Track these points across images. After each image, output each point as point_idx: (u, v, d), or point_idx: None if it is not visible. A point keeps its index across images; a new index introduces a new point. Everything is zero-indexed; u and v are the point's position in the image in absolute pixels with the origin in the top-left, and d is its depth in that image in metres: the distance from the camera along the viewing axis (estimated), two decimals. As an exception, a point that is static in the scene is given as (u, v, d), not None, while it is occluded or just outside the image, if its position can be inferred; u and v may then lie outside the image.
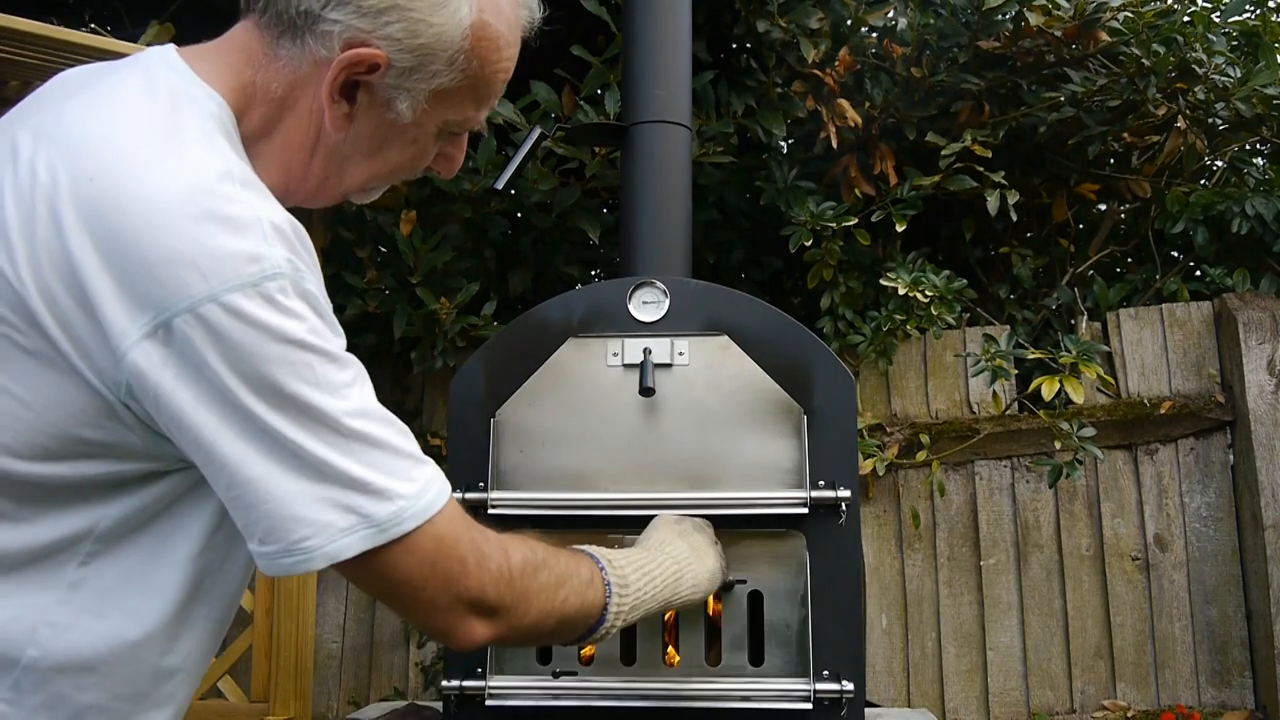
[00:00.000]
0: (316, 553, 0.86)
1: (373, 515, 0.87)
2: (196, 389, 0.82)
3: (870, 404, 3.32)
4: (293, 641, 2.85)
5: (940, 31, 3.36)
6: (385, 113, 0.98)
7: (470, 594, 0.95)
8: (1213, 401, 3.22)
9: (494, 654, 1.81)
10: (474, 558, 0.95)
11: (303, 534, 0.85)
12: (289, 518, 0.85)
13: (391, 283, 3.12)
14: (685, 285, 1.92)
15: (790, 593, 1.78)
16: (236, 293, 0.81)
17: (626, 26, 2.20)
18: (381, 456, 0.89)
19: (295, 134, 0.97)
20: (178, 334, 0.81)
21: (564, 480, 1.82)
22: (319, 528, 0.85)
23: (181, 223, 0.81)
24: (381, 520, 0.87)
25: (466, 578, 0.94)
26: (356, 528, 0.86)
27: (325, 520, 0.86)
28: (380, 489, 0.88)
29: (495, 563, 0.97)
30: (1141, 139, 3.54)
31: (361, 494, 0.87)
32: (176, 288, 0.80)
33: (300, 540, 0.85)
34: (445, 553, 0.92)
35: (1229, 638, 3.14)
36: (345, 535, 0.86)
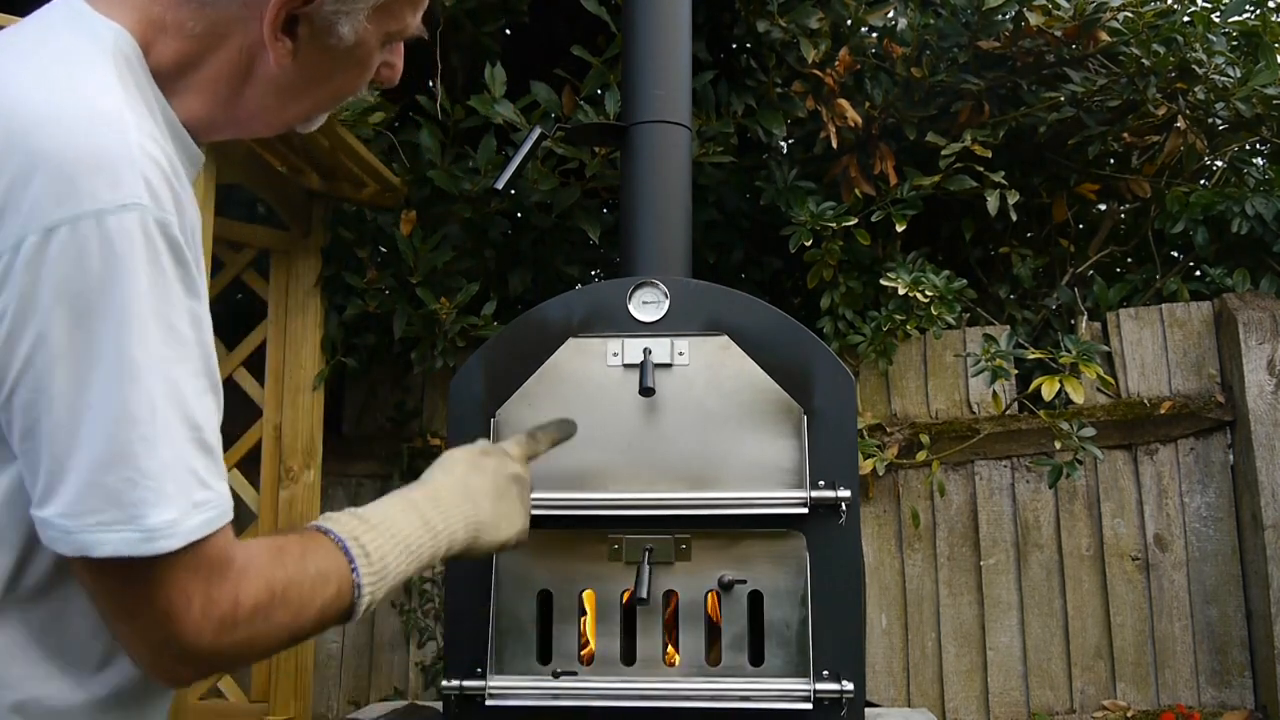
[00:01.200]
0: (70, 535, 0.76)
1: (144, 521, 0.76)
2: (25, 313, 0.75)
3: (870, 404, 3.32)
4: (293, 641, 2.85)
5: (940, 31, 3.36)
6: (328, 39, 0.94)
7: (183, 640, 0.82)
8: (1213, 401, 3.22)
9: (494, 654, 1.81)
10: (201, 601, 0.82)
11: (61, 508, 0.76)
12: (50, 489, 0.76)
13: (391, 283, 3.12)
14: (685, 285, 1.92)
15: (790, 593, 1.78)
16: (93, 219, 0.75)
17: (626, 26, 2.20)
18: (175, 455, 0.79)
19: (224, 68, 0.93)
20: (25, 251, 0.75)
21: (564, 480, 1.82)
22: (81, 510, 0.76)
23: (45, 141, 0.77)
24: (152, 529, 0.77)
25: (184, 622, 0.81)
26: (120, 526, 0.76)
27: (91, 505, 0.76)
28: (163, 494, 0.77)
29: (220, 609, 0.83)
30: (1141, 139, 3.54)
31: (144, 492, 0.76)
32: (39, 203, 0.76)
33: (59, 515, 0.76)
34: (176, 588, 0.80)
35: (1229, 638, 3.14)
36: (103, 531, 0.76)
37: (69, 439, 0.76)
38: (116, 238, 0.76)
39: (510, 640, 1.81)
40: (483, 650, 1.80)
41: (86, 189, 0.76)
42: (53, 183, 0.76)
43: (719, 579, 1.79)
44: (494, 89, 2.96)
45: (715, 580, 1.79)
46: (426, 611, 3.24)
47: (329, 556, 0.98)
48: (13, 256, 0.75)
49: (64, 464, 0.76)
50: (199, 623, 0.82)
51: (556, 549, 1.83)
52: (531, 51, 3.57)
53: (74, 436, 0.76)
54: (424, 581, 3.25)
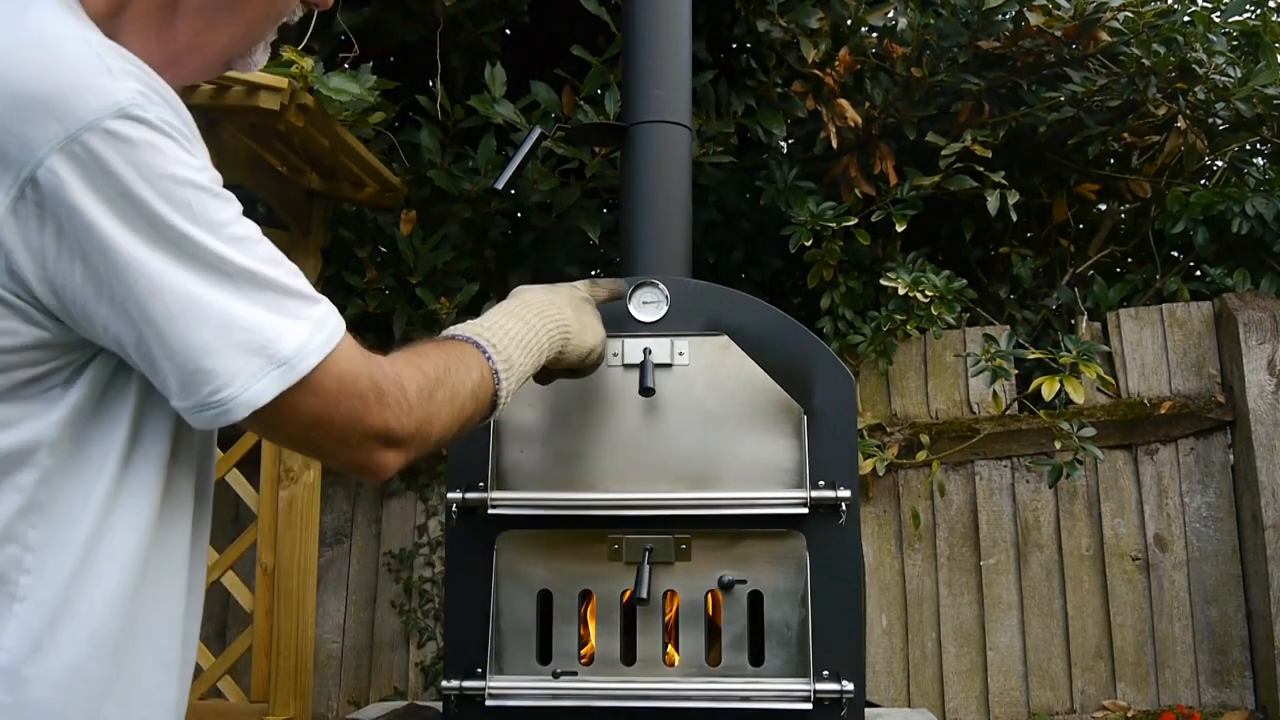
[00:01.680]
0: (233, 403, 0.82)
1: (277, 355, 0.84)
2: (74, 245, 0.78)
3: (870, 404, 3.32)
4: (293, 641, 2.85)
5: (940, 31, 3.36)
6: None
7: (375, 429, 0.93)
8: (1213, 401, 3.22)
9: (494, 654, 1.81)
10: (374, 394, 0.93)
11: (213, 386, 0.82)
12: (198, 371, 0.82)
13: (391, 283, 3.12)
14: (685, 285, 1.92)
15: (790, 593, 1.78)
16: (91, 131, 0.76)
17: (626, 26, 2.20)
18: (273, 296, 0.85)
19: (149, 1, 0.93)
20: (44, 187, 0.76)
21: (564, 480, 1.82)
22: (229, 377, 0.82)
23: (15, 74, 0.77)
24: (286, 358, 0.84)
25: (369, 415, 0.92)
26: (266, 370, 0.83)
27: (233, 369, 0.82)
28: (279, 329, 0.84)
29: (394, 397, 0.95)
30: (1141, 139, 3.54)
31: (262, 335, 0.83)
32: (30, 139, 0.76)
33: (214, 392, 0.82)
34: (347, 390, 0.90)
35: (1229, 638, 3.14)
36: (257, 380, 0.83)
37: (181, 330, 0.81)
38: (127, 137, 0.78)
39: (510, 640, 1.81)
40: (483, 650, 1.80)
41: (81, 103, 0.76)
42: (41, 112, 0.76)
43: (719, 579, 1.79)
44: (494, 89, 2.96)
45: (715, 580, 1.79)
46: (426, 611, 3.24)
47: (465, 351, 1.13)
48: (34, 192, 0.76)
49: (187, 351, 0.81)
50: (380, 410, 0.93)
51: (556, 549, 1.83)
52: (531, 51, 3.57)
53: (182, 325, 0.81)
54: (424, 581, 3.25)
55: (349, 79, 2.54)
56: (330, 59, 2.96)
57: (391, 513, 3.35)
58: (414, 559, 3.29)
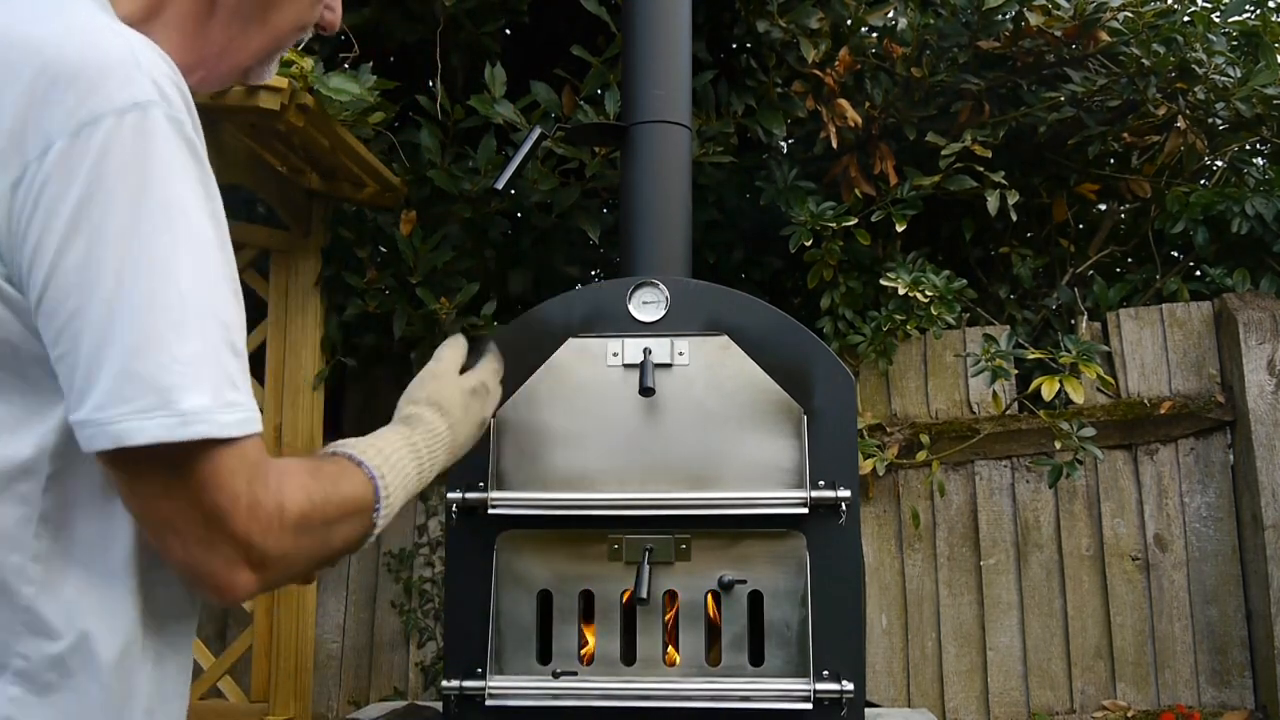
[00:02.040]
0: (101, 428, 0.75)
1: (175, 403, 0.76)
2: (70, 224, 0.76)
3: (870, 404, 3.32)
4: (293, 641, 2.86)
5: (940, 31, 3.36)
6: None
7: (238, 536, 0.82)
8: (1213, 401, 3.22)
9: (494, 654, 1.81)
10: (247, 504, 0.83)
11: (97, 402, 0.75)
12: (87, 385, 0.76)
13: (391, 283, 3.12)
14: (685, 285, 1.93)
15: (790, 593, 1.78)
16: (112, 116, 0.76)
17: (626, 26, 2.20)
18: (212, 351, 0.79)
19: (188, 5, 0.96)
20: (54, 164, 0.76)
21: (564, 480, 1.83)
22: (112, 401, 0.75)
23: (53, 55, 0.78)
24: (183, 411, 0.76)
25: (235, 519, 0.82)
26: (153, 411, 0.75)
27: (124, 394, 0.75)
28: (194, 381, 0.77)
29: (266, 515, 0.84)
30: (1141, 139, 3.54)
31: (172, 377, 0.76)
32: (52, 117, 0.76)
33: (96, 409, 0.75)
34: (221, 484, 0.80)
35: (1229, 638, 3.14)
36: (141, 417, 0.75)
37: (103, 333, 0.76)
38: (138, 133, 0.77)
39: (510, 640, 1.81)
40: (483, 650, 1.80)
41: (102, 91, 0.77)
42: (69, 91, 0.77)
43: (719, 579, 1.79)
44: (494, 89, 2.96)
45: (715, 580, 1.80)
46: (426, 611, 3.24)
47: (359, 485, 1.01)
48: (38, 166, 0.76)
49: (98, 357, 0.76)
50: (247, 522, 0.82)
51: (556, 549, 1.83)
52: (531, 51, 3.57)
53: (108, 329, 0.76)
54: (424, 581, 3.25)
55: (349, 79, 2.54)
56: (330, 59, 2.96)
57: (391, 513, 3.34)
58: (414, 559, 3.29)
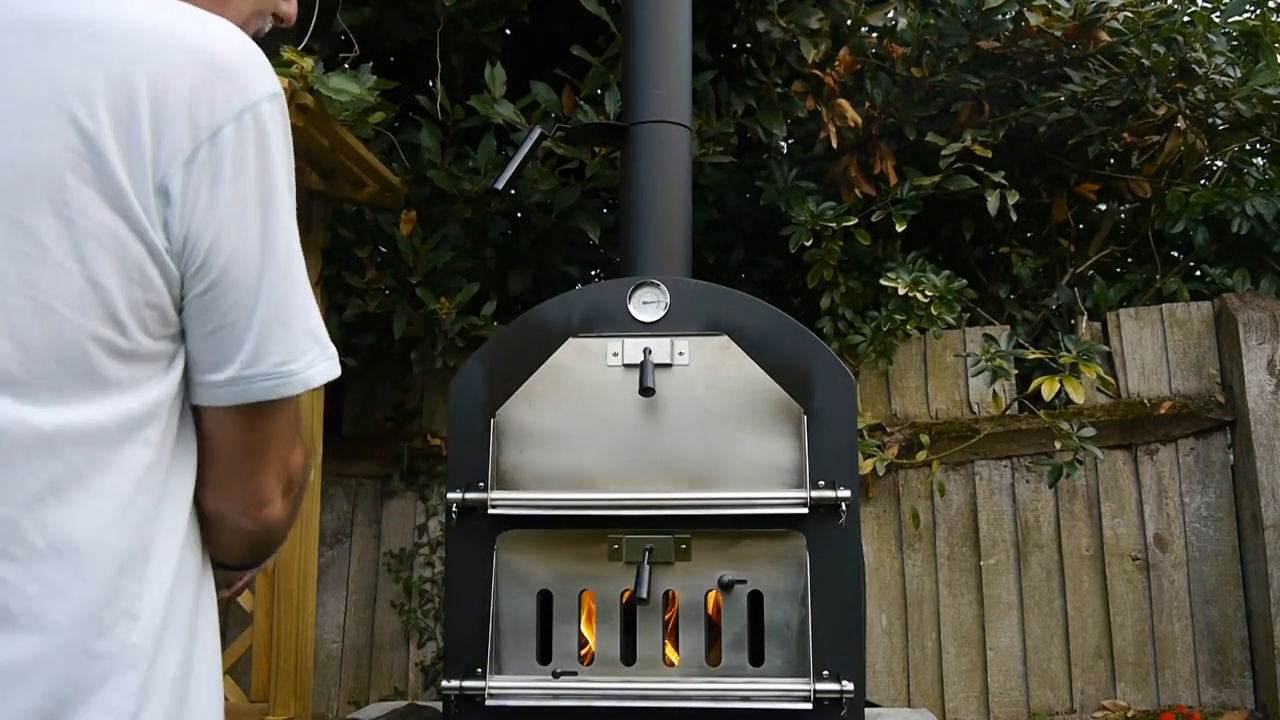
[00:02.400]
0: (293, 378, 0.85)
1: (328, 349, 0.88)
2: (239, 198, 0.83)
3: (870, 404, 3.32)
4: (293, 641, 2.85)
5: (940, 31, 3.36)
6: None
7: (293, 469, 0.92)
8: (1213, 401, 3.22)
9: (494, 654, 1.81)
10: (300, 435, 0.94)
11: (283, 356, 0.85)
12: (278, 338, 0.85)
13: (391, 283, 3.12)
14: (685, 285, 1.93)
15: (790, 593, 1.78)
16: (264, 104, 0.84)
17: (626, 26, 2.20)
18: (313, 302, 0.90)
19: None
20: (223, 145, 0.82)
21: (564, 480, 1.83)
22: (298, 352, 0.85)
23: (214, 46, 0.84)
24: (332, 355, 0.89)
25: (296, 452, 0.92)
26: (321, 357, 0.87)
27: (302, 346, 0.86)
28: (324, 330, 0.89)
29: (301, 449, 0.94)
30: (1141, 139, 3.54)
31: (319, 327, 0.88)
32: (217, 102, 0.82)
33: (282, 363, 0.85)
34: (300, 418, 0.92)
35: (1229, 638, 3.14)
36: (317, 362, 0.87)
37: (279, 296, 0.85)
38: (280, 119, 0.86)
39: (510, 640, 1.81)
40: (483, 650, 1.80)
41: (255, 82, 0.84)
42: (231, 79, 0.83)
43: (719, 579, 1.79)
44: (494, 89, 2.96)
45: (715, 580, 1.80)
46: (426, 611, 3.24)
47: None
48: (211, 145, 0.81)
49: (275, 319, 0.84)
50: (298, 456, 0.92)
51: (556, 549, 1.83)
52: (531, 51, 3.57)
53: (282, 293, 0.85)
54: (424, 581, 3.25)
55: (349, 79, 2.54)
56: (330, 59, 2.96)
57: (391, 513, 3.35)
58: (414, 559, 3.29)
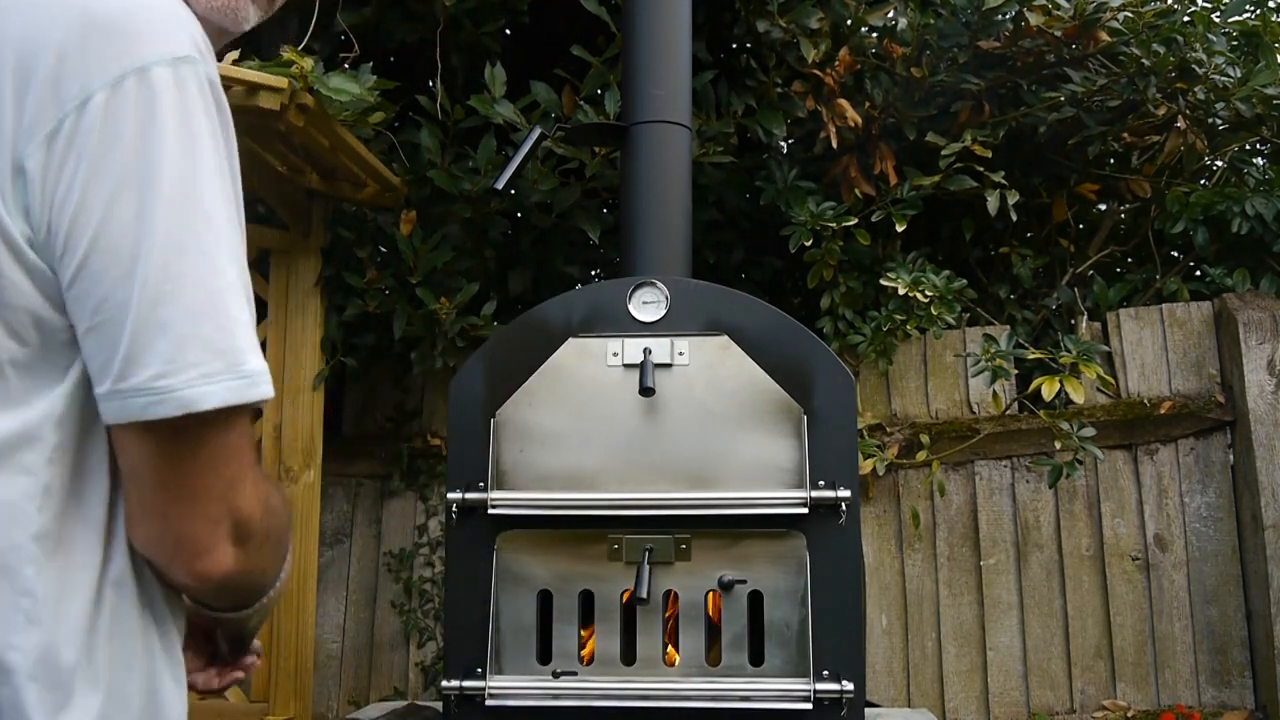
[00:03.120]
0: (169, 396, 0.70)
1: (240, 366, 0.73)
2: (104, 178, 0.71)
3: (870, 404, 3.32)
4: (293, 641, 2.86)
5: (940, 31, 3.37)
6: None
7: (240, 509, 0.77)
8: (1213, 401, 3.22)
9: (494, 654, 1.81)
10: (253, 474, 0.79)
11: (158, 370, 0.70)
12: (152, 347, 0.70)
13: (391, 283, 3.12)
14: (685, 285, 1.93)
15: (790, 593, 1.78)
16: (156, 68, 0.72)
17: (626, 26, 2.20)
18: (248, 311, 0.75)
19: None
20: (94, 115, 0.71)
21: (564, 480, 1.83)
22: (180, 366, 0.70)
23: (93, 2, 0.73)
24: (248, 373, 0.73)
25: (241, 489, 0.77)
26: (222, 376, 0.72)
27: (190, 359, 0.71)
28: (249, 342, 0.74)
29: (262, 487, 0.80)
30: (1141, 139, 3.54)
31: (234, 339, 0.73)
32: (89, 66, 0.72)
33: (156, 377, 0.70)
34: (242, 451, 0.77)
35: (1229, 638, 3.14)
36: (209, 382, 0.71)
37: (156, 295, 0.71)
38: (184, 87, 0.74)
39: (510, 640, 1.81)
40: (483, 650, 1.80)
41: (147, 42, 0.73)
42: (111, 39, 0.72)
43: (719, 579, 1.79)
44: (494, 89, 2.96)
45: (715, 580, 1.80)
46: (426, 611, 3.24)
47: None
48: (78, 116, 0.71)
49: (152, 322, 0.70)
50: (252, 497, 0.77)
51: (556, 549, 1.83)
52: (531, 51, 3.57)
53: (161, 291, 0.71)
54: (424, 581, 3.25)
55: (349, 79, 2.54)
56: (330, 59, 2.96)
57: (391, 513, 3.35)
58: (414, 559, 3.29)
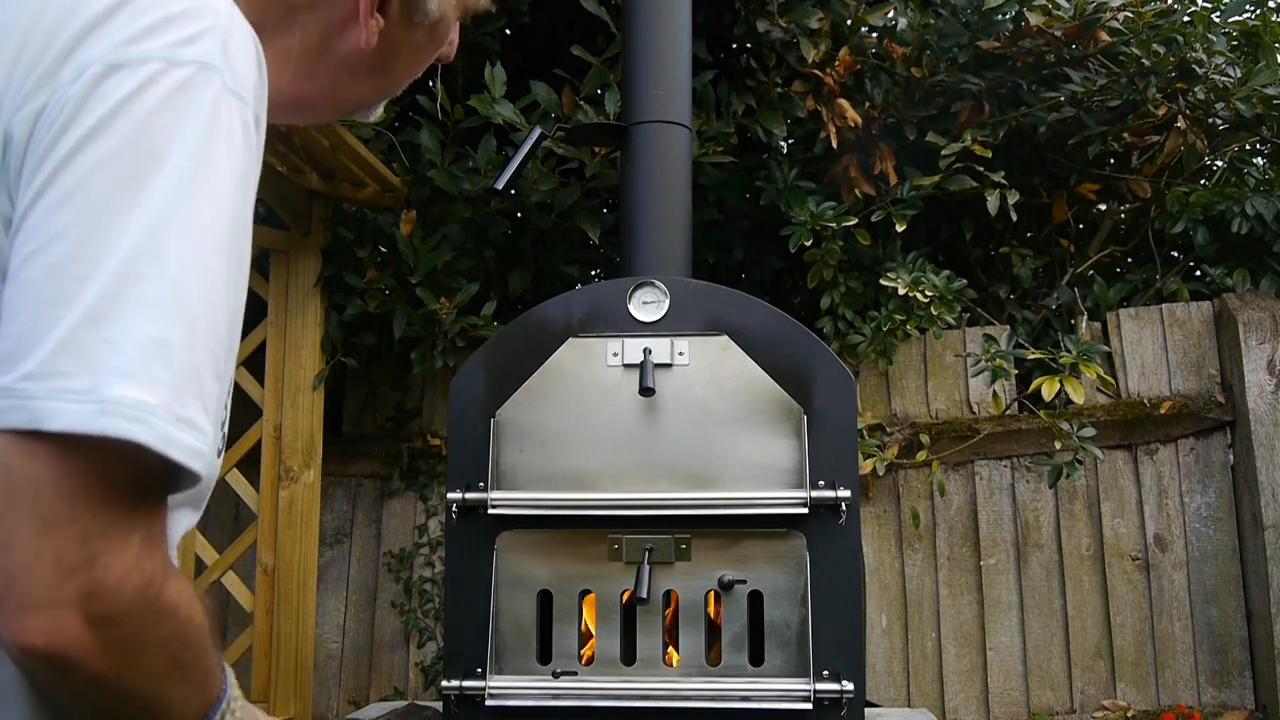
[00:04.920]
0: (26, 402, 0.59)
1: (106, 389, 0.60)
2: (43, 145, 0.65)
3: (870, 404, 3.32)
4: (293, 641, 2.86)
5: (940, 31, 3.37)
6: (414, 15, 0.92)
7: (105, 577, 0.61)
8: (1213, 401, 3.22)
9: (494, 654, 1.81)
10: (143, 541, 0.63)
11: (22, 372, 0.60)
12: (23, 347, 0.61)
13: (391, 283, 3.12)
14: (685, 285, 1.93)
15: (790, 593, 1.78)
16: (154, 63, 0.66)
17: (626, 26, 2.20)
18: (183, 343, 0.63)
19: (297, 43, 0.89)
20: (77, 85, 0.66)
21: (564, 480, 1.83)
22: (45, 373, 0.60)
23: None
24: (111, 401, 0.60)
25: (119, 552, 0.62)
26: (81, 396, 0.59)
27: (59, 365, 0.60)
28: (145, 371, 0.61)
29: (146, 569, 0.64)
30: (1141, 139, 3.54)
31: (120, 357, 0.61)
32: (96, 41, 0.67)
33: (26, 376, 0.60)
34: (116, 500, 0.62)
35: (1229, 638, 3.14)
36: (64, 399, 0.59)
37: (62, 286, 0.61)
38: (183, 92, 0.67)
39: (510, 640, 1.81)
40: (483, 650, 1.80)
41: (163, 36, 0.67)
42: (134, 21, 0.67)
43: (719, 579, 1.79)
44: (494, 89, 2.96)
45: (715, 580, 1.80)
46: (426, 611, 3.24)
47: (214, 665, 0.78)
48: (67, 89, 0.65)
49: (46, 317, 0.61)
50: (128, 569, 0.62)
51: (556, 549, 1.83)
52: (531, 51, 3.57)
53: (68, 284, 0.61)
54: (424, 581, 3.25)
55: (349, 79, 2.54)
56: (330, 59, 2.95)
57: (391, 513, 3.35)
58: (414, 559, 3.29)
